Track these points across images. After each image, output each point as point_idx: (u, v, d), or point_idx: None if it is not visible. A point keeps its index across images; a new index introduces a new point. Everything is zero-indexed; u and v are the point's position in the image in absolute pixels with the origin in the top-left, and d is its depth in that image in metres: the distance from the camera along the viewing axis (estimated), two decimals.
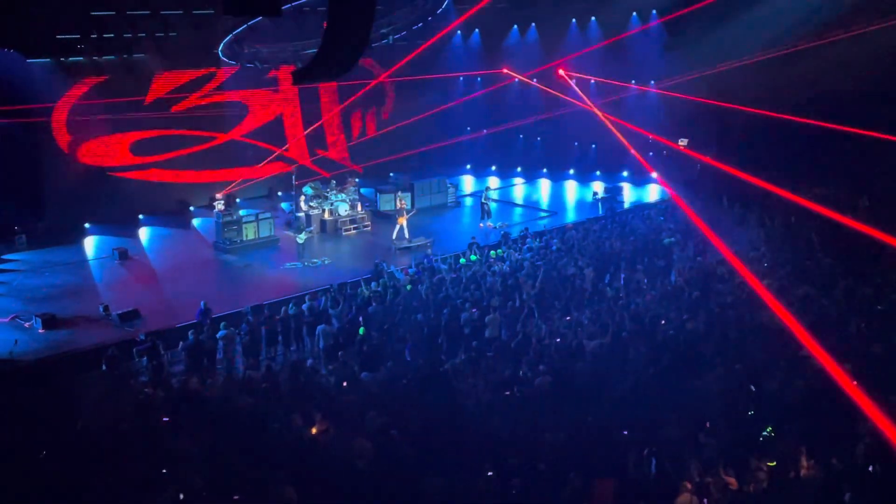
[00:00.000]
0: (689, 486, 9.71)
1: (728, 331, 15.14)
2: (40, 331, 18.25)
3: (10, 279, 22.12)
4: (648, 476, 10.26)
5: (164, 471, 10.22)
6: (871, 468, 10.26)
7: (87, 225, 26.14)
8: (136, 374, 15.74)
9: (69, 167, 25.98)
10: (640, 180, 33.06)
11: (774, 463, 10.23)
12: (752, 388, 12.66)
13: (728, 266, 19.27)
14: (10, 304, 19.99)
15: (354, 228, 26.84)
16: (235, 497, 9.89)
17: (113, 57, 25.64)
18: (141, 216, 27.49)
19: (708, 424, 11.39)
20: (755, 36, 27.36)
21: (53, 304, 19.89)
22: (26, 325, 18.53)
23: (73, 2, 23.89)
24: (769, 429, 10.36)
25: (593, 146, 34.46)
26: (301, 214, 26.19)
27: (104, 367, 15.69)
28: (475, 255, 21.76)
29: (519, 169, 35.24)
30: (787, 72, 26.53)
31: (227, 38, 25.94)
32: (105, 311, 19.05)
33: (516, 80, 33.18)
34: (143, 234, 26.70)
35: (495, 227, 26.73)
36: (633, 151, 29.09)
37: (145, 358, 16.04)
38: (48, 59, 24.80)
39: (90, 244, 25.39)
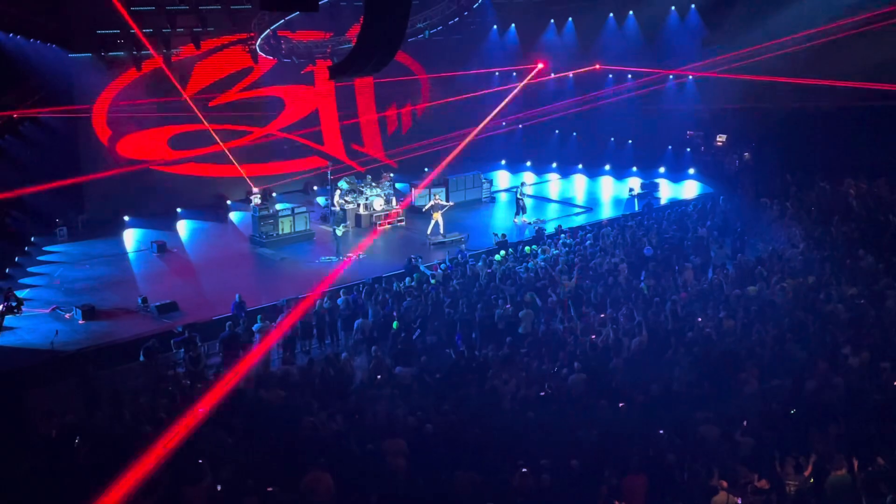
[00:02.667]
0: (724, 484, 9.61)
1: (766, 329, 14.95)
2: (80, 322, 18.54)
3: (51, 271, 22.50)
4: (684, 475, 10.16)
5: (201, 461, 10.33)
6: None
7: (126, 218, 26.50)
8: (174, 365, 15.93)
9: (109, 161, 26.37)
10: (677, 176, 32.71)
11: (811, 476, 10.05)
12: (787, 388, 12.50)
13: (766, 264, 19.07)
14: (51, 296, 20.36)
15: (389, 223, 26.90)
16: (270, 488, 9.98)
17: (152, 52, 25.97)
18: (179, 209, 27.80)
19: (745, 423, 11.26)
20: (795, 29, 26.90)
21: (93, 295, 20.22)
22: (66, 316, 18.84)
23: None
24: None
25: (630, 142, 34.17)
26: (336, 209, 26.30)
27: (142, 358, 15.91)
28: (502, 252, 21.62)
29: (554, 164, 35.01)
30: (829, 65, 26.04)
31: (265, 33, 26.11)
32: (143, 302, 19.30)
33: (552, 74, 33.05)
34: (182, 227, 27.00)
35: (530, 223, 26.62)
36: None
37: (182, 349, 16.22)
38: (89, 55, 25.20)
39: (129, 237, 25.74)
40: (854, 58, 25.13)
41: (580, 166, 34.55)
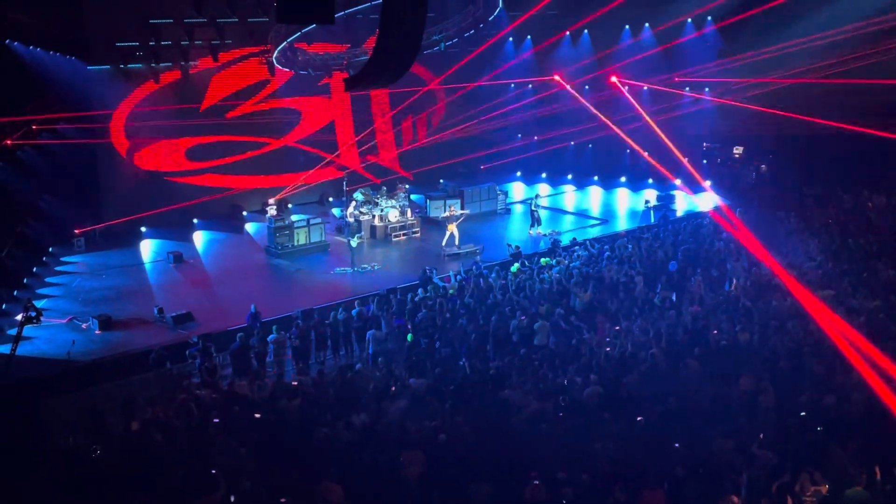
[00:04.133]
0: (736, 500, 9.52)
1: (783, 342, 14.83)
2: (97, 332, 18.65)
3: (68, 281, 22.65)
4: (698, 489, 10.07)
5: (214, 472, 10.34)
6: None
7: (143, 228, 26.65)
8: (189, 375, 15.97)
9: (127, 171, 26.57)
10: (693, 189, 32.56)
11: (829, 491, 9.94)
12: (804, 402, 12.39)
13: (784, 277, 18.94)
14: (68, 306, 20.49)
15: (404, 234, 26.92)
16: (283, 500, 9.97)
17: (170, 64, 26.20)
18: (196, 220, 27.93)
19: (762, 436, 11.16)
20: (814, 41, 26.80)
21: (110, 305, 20.34)
22: (83, 326, 18.94)
23: (132, 10, 24.51)
24: None
25: (645, 154, 34.05)
26: (351, 220, 26.35)
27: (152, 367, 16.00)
28: (517, 265, 21.54)
29: (570, 176, 34.98)
30: (847, 77, 25.91)
31: (282, 45, 26.27)
32: (160, 313, 19.39)
33: (568, 86, 33.03)
34: (198, 238, 27.13)
35: (545, 235, 26.58)
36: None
37: (198, 360, 16.26)
38: (108, 66, 25.43)
39: (146, 247, 25.88)
40: (872, 70, 25.04)
41: (596, 178, 34.49)
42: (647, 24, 33.02)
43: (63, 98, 23.97)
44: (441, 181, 32.57)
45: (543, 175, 35.11)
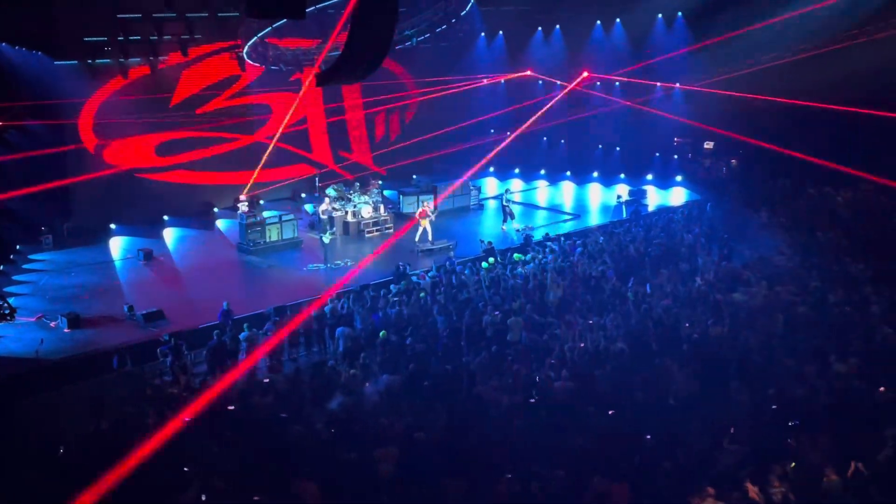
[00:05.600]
0: (711, 491, 9.60)
1: (753, 336, 14.97)
2: (66, 330, 18.41)
3: (36, 279, 22.36)
4: (670, 483, 10.15)
5: (186, 469, 10.26)
6: None
7: (112, 226, 26.36)
8: (160, 374, 15.83)
9: (95, 168, 26.22)
10: (664, 183, 32.83)
11: (799, 483, 10.05)
12: (774, 395, 12.51)
13: (753, 270, 19.13)
14: (37, 304, 20.21)
15: (377, 230, 26.86)
16: (256, 498, 9.92)
17: (139, 59, 25.88)
18: (166, 217, 27.66)
19: (732, 430, 11.26)
20: (785, 36, 27.06)
21: (79, 303, 20.08)
22: (52, 324, 18.71)
23: (100, 5, 24.18)
24: None
25: (617, 149, 34.28)
26: (324, 216, 26.23)
27: (115, 365, 15.82)
28: (489, 261, 21.53)
29: (542, 171, 35.09)
30: (817, 72, 26.15)
31: (252, 40, 26.08)
32: (130, 311, 19.19)
33: (540, 82, 33.12)
34: (168, 235, 26.88)
35: (518, 230, 26.63)
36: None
37: (169, 358, 16.12)
38: (76, 62, 25.07)
39: (116, 245, 25.59)
40: (842, 65, 25.32)
41: (568, 173, 34.62)
42: (618, 20, 33.18)
43: (30, 94, 23.60)
44: (414, 177, 32.50)
45: (516, 170, 35.17)
